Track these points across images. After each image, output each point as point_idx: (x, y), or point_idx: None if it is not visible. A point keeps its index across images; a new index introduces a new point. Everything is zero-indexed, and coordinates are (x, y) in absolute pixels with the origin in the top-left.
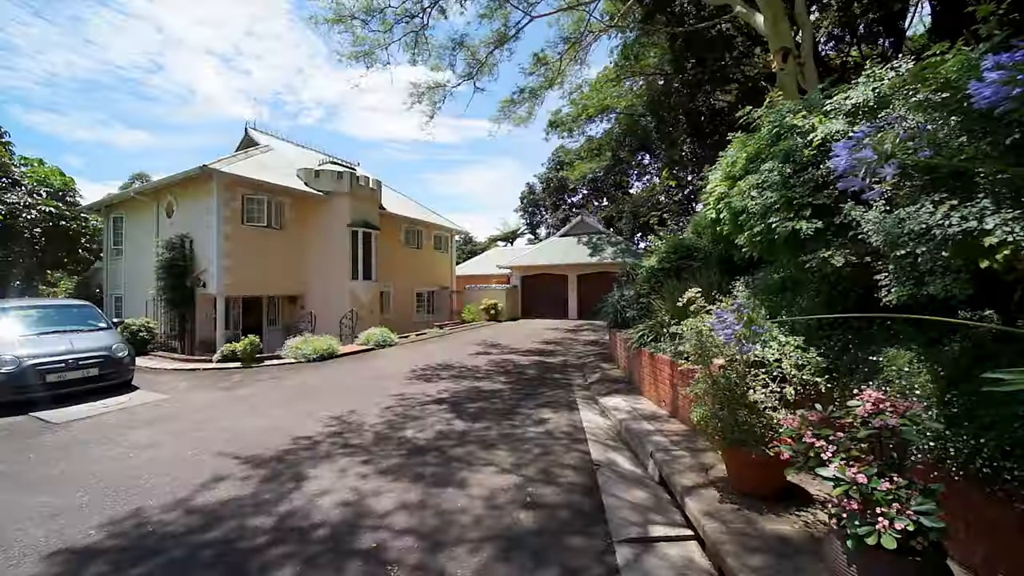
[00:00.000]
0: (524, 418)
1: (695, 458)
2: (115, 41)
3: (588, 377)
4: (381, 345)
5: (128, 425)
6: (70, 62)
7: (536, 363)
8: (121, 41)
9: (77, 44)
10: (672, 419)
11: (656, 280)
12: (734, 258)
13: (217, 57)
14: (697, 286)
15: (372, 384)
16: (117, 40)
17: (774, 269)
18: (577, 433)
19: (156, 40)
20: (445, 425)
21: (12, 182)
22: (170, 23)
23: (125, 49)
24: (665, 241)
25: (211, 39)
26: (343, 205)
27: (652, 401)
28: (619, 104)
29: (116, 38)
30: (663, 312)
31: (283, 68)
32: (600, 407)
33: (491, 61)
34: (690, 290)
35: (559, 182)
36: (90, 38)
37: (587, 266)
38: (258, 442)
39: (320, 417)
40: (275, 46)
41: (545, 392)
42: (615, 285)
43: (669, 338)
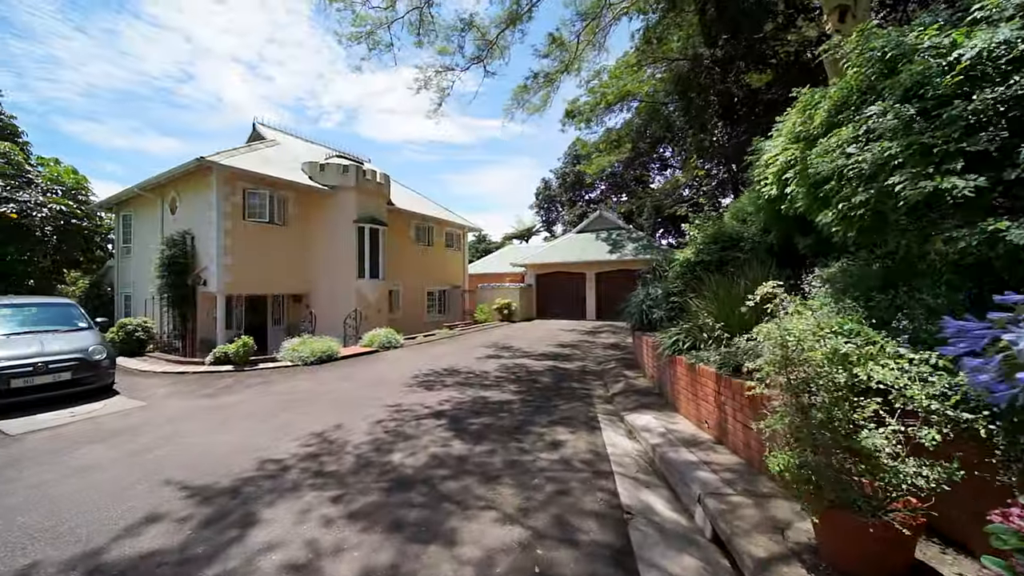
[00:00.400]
0: (535, 439)
1: (761, 509)
2: (148, 52)
3: (610, 387)
4: (385, 347)
5: (86, 439)
6: (107, 73)
7: (551, 369)
8: (154, 52)
9: (114, 56)
10: (719, 446)
11: (692, 276)
12: (798, 246)
13: (243, 64)
14: (747, 281)
15: (367, 392)
16: (150, 51)
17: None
18: (600, 462)
19: (186, 50)
20: (441, 447)
21: (26, 181)
22: (199, 33)
23: (158, 59)
24: (702, 230)
25: (236, 47)
26: (349, 200)
27: (691, 421)
28: (642, 89)
29: (149, 49)
30: (704, 314)
31: (304, 74)
32: (626, 426)
33: (502, 43)
34: (765, 284)
35: (576, 177)
36: (125, 50)
37: (606, 263)
38: (218, 466)
39: (299, 433)
40: (297, 52)
41: (561, 405)
42: (639, 283)
43: (714, 345)
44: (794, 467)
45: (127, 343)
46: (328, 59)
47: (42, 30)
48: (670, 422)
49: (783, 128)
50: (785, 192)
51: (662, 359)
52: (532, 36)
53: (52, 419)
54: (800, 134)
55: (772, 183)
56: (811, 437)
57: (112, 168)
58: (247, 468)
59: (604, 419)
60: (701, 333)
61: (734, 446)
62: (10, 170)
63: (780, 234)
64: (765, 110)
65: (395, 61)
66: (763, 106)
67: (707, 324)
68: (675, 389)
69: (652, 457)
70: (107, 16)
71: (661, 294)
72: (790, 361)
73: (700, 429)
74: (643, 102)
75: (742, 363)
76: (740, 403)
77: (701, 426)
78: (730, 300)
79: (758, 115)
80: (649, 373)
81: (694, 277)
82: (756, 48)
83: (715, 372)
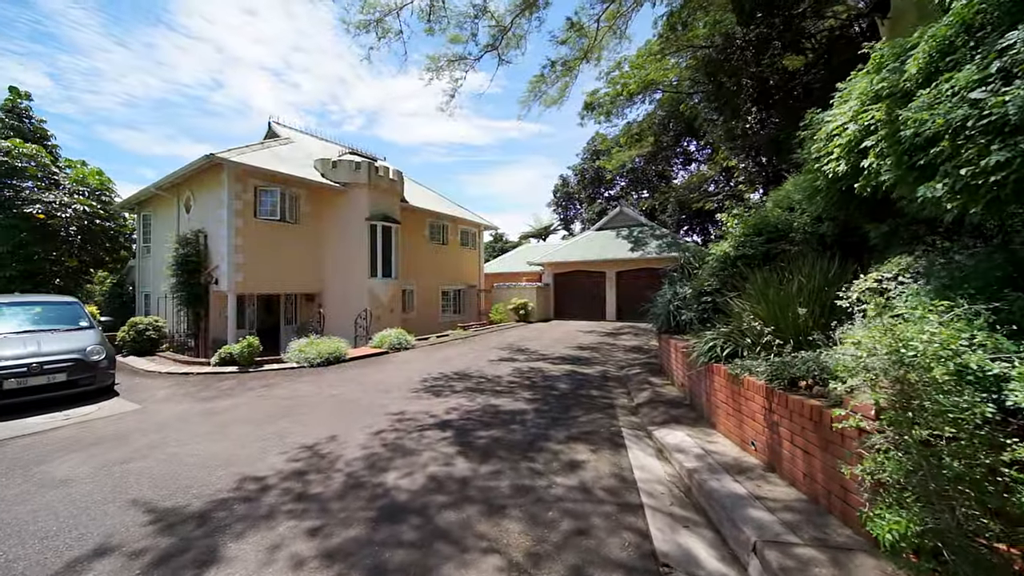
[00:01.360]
0: (550, 458)
1: (842, 569)
2: (182, 61)
3: (634, 396)
4: (396, 348)
5: (68, 447)
6: (145, 83)
7: (569, 374)
8: (187, 61)
9: (151, 66)
10: (771, 475)
11: (731, 272)
12: (868, 235)
13: (269, 71)
14: (801, 278)
15: (371, 398)
16: (184, 60)
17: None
18: (626, 490)
19: (217, 59)
20: (442, 465)
21: (53, 183)
22: (229, 42)
23: (191, 69)
24: (742, 220)
25: (264, 55)
26: (361, 197)
27: (731, 440)
28: (667, 77)
29: (183, 59)
30: (749, 316)
31: (328, 79)
32: (655, 444)
33: (518, 32)
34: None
35: (595, 173)
36: (161, 60)
37: (628, 262)
38: (195, 483)
39: (290, 445)
40: (321, 59)
41: (579, 417)
42: (665, 282)
43: (763, 353)
44: (913, 536)
45: (138, 342)
46: (350, 64)
47: (87, 44)
48: (707, 440)
49: (853, 90)
50: (861, 166)
51: (695, 367)
52: (550, 22)
53: (43, 423)
54: (882, 91)
55: (840, 157)
56: (940, 493)
57: (150, 174)
58: (224, 487)
59: (629, 434)
60: (743, 338)
61: (791, 476)
62: (37, 172)
63: (838, 222)
64: (804, 93)
65: (405, 50)
66: (801, 88)
67: (753, 328)
68: (711, 402)
69: (688, 484)
70: (145, 29)
71: (691, 293)
72: (908, 384)
73: (744, 451)
74: (666, 92)
75: (801, 377)
76: (800, 425)
77: (746, 447)
78: (781, 300)
79: (796, 99)
80: (678, 381)
81: (733, 274)
82: (794, 25)
83: (764, 385)
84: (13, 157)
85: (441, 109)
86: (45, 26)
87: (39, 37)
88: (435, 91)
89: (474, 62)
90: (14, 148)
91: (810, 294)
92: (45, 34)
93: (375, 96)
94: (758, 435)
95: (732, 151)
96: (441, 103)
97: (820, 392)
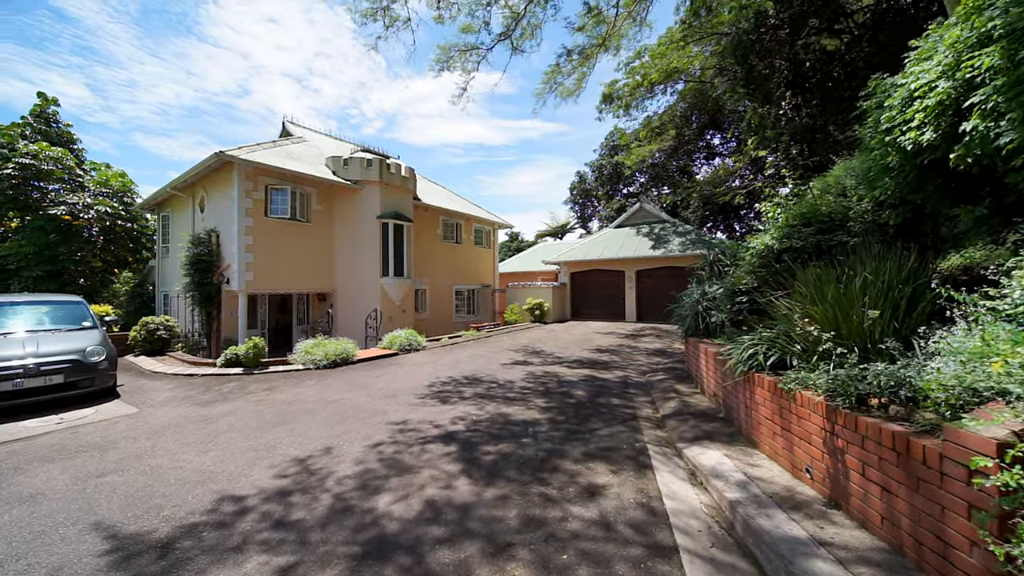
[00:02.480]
0: (566, 481)
1: None
2: (210, 70)
3: (660, 406)
4: (406, 349)
5: (49, 456)
6: (177, 93)
7: (586, 380)
8: (215, 70)
9: (182, 76)
10: (836, 512)
11: (774, 268)
12: (958, 219)
13: (292, 77)
14: (867, 274)
15: (374, 404)
16: (212, 69)
17: None
18: (656, 526)
19: (243, 67)
20: (442, 488)
21: (78, 185)
22: (255, 50)
23: (219, 77)
24: (786, 209)
25: (287, 61)
26: (373, 195)
27: (780, 464)
28: (692, 64)
29: (211, 67)
30: (801, 318)
31: (348, 84)
32: (686, 465)
33: (533, 21)
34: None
35: (613, 169)
36: (191, 70)
37: (648, 260)
38: (168, 502)
39: (280, 459)
40: (341, 65)
41: (599, 429)
42: (692, 280)
43: (820, 362)
44: None
45: (149, 341)
46: (369, 68)
47: (124, 57)
48: (748, 463)
49: (946, 39)
50: (961, 131)
51: (734, 376)
52: (566, 9)
53: (35, 427)
54: (993, 32)
55: (924, 124)
56: None
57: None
58: (198, 508)
59: (656, 452)
60: (792, 344)
61: (863, 516)
62: (63, 175)
63: (909, 207)
64: (846, 75)
65: (414, 39)
66: (842, 69)
67: (807, 333)
68: (752, 417)
69: (731, 519)
70: (176, 40)
71: (723, 293)
72: None
73: (796, 478)
74: (689, 83)
75: (872, 393)
76: (877, 455)
77: (798, 474)
78: (843, 300)
79: (836, 81)
80: (709, 390)
81: (777, 270)
82: (833, 5)
83: (824, 402)
84: (40, 161)
85: (452, 103)
86: (86, 40)
87: (80, 51)
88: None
89: (487, 52)
90: (41, 152)
91: (879, 293)
92: (86, 48)
93: (393, 100)
94: (815, 461)
95: (763, 141)
96: (453, 96)
97: (900, 414)
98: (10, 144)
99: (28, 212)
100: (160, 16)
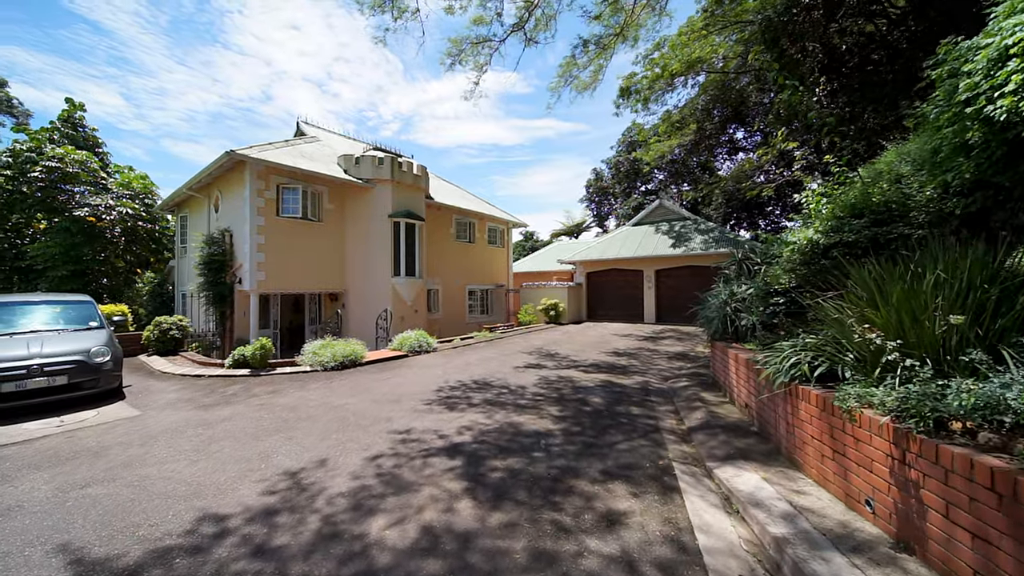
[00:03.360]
0: (581, 506)
1: None
2: (234, 77)
3: (685, 417)
4: (416, 351)
5: (41, 462)
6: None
7: (603, 385)
8: (239, 77)
9: (208, 83)
10: (905, 557)
11: (819, 265)
12: None
13: (313, 82)
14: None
15: (378, 410)
16: (236, 76)
17: None
18: (687, 566)
19: (266, 73)
20: (443, 511)
21: (102, 187)
22: (277, 57)
23: (242, 84)
24: (834, 199)
25: (307, 67)
26: (385, 194)
27: (830, 492)
28: (716, 53)
29: (236, 74)
30: (856, 323)
31: (366, 88)
32: (719, 489)
33: (548, 11)
34: None
35: (631, 165)
36: (217, 77)
37: (668, 259)
38: (146, 520)
39: (272, 471)
40: (359, 68)
41: (618, 443)
42: (718, 280)
43: (884, 376)
44: None
45: (162, 341)
46: (386, 71)
47: (154, 66)
48: (793, 489)
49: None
50: None
51: (769, 387)
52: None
53: (35, 429)
54: None
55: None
56: None
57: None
58: (176, 528)
59: (683, 472)
60: (843, 354)
61: (946, 565)
62: (88, 177)
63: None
64: (888, 56)
65: (423, 30)
66: (884, 50)
67: (867, 341)
68: (795, 435)
69: (776, 560)
70: (203, 48)
71: (755, 293)
72: None
73: (853, 510)
74: (710, 75)
75: (955, 416)
76: (967, 494)
77: (855, 505)
78: (911, 303)
79: (877, 64)
80: (740, 400)
81: (822, 268)
82: None
83: (891, 424)
84: (66, 164)
85: (465, 98)
86: (120, 51)
87: (114, 61)
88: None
89: (499, 44)
90: (66, 155)
91: (956, 295)
92: (120, 58)
93: (409, 102)
94: (878, 493)
95: (793, 133)
96: (466, 92)
97: (994, 443)
98: (38, 148)
99: (55, 214)
100: (188, 26)
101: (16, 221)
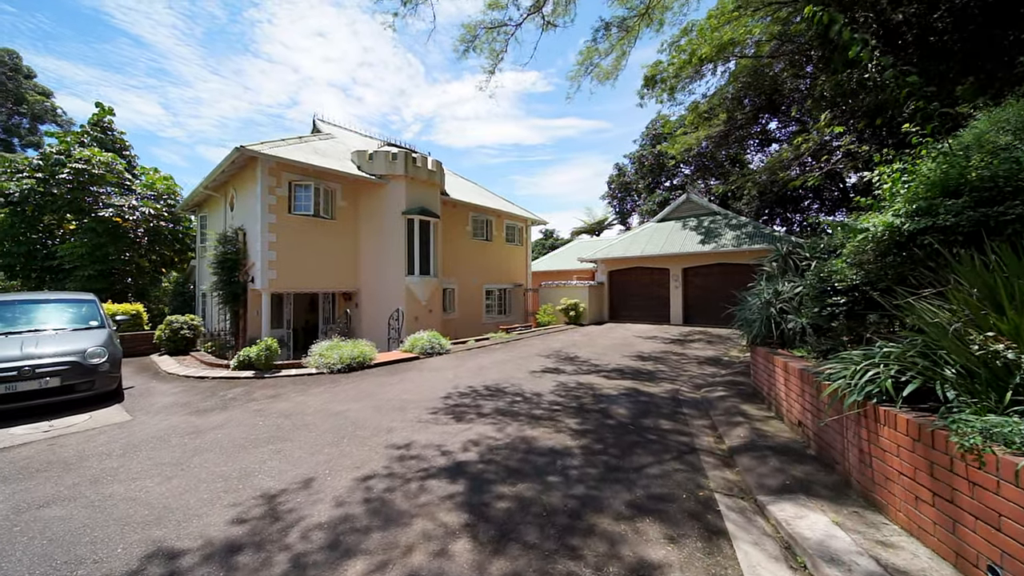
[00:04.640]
0: (605, 553)
1: None
2: (264, 84)
3: (724, 434)
4: (428, 353)
5: (12, 474)
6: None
7: (628, 394)
8: (268, 84)
9: (239, 91)
10: None
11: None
12: None
13: (338, 87)
14: None
15: (379, 419)
16: (265, 83)
17: None
18: None
19: (293, 80)
20: (434, 554)
21: (127, 188)
22: (304, 63)
23: (272, 90)
24: (918, 176)
25: (333, 72)
26: (398, 190)
27: (929, 544)
28: (752, 33)
29: (265, 82)
30: (962, 329)
31: (388, 92)
32: (777, 532)
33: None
34: None
35: (655, 159)
36: (248, 85)
37: (697, 256)
38: (92, 553)
39: (248, 494)
40: (382, 72)
41: (647, 466)
42: (759, 278)
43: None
44: None
45: (173, 341)
46: (408, 75)
47: (190, 76)
48: (875, 539)
49: None
50: None
51: (835, 404)
52: None
53: (21, 435)
54: None
55: None
56: None
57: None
58: (122, 566)
59: (728, 507)
60: (941, 367)
61: None
62: (113, 178)
63: None
64: (954, 23)
65: (433, 14)
66: (950, 16)
67: (991, 353)
68: (874, 467)
69: None
70: (235, 58)
71: (808, 292)
72: None
73: (966, 573)
74: (741, 61)
75: None
76: None
77: (968, 568)
78: None
79: (942, 34)
80: (791, 416)
81: (905, 259)
82: None
83: None
84: (92, 165)
85: (480, 88)
86: (159, 63)
87: (154, 72)
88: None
89: (515, 29)
90: (92, 157)
91: None
92: (159, 70)
93: (431, 104)
94: (1009, 559)
95: (838, 116)
96: (481, 81)
97: None
98: (66, 151)
99: (82, 215)
100: (221, 36)
101: (48, 222)
